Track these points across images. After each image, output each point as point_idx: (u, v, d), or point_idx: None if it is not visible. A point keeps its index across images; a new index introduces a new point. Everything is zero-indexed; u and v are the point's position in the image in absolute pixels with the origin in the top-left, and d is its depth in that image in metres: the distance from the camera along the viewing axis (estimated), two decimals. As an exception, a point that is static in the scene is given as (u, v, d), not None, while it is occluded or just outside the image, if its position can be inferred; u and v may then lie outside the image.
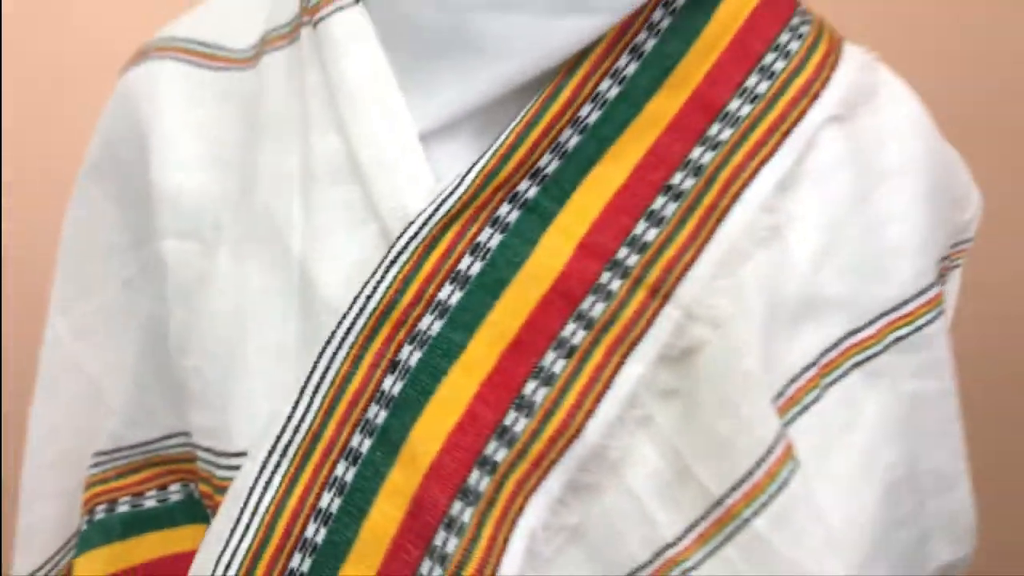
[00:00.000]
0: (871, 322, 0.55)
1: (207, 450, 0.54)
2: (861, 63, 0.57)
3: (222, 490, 0.52)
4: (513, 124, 0.51)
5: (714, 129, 0.52)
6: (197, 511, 0.61)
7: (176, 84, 0.59)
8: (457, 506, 0.47)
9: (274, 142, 0.54)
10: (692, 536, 0.48)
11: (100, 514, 0.63)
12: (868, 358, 0.55)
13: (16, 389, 1.50)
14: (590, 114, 0.52)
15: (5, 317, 1.45)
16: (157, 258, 0.57)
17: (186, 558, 0.58)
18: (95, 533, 0.63)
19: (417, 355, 0.49)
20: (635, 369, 0.48)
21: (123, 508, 0.63)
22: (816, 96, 0.54)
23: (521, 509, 0.48)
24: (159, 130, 0.58)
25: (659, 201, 0.50)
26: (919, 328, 0.56)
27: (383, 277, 0.50)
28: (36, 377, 0.76)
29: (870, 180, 0.55)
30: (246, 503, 0.50)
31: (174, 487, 0.63)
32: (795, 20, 0.56)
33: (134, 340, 0.61)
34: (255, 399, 0.52)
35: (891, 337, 0.55)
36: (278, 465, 0.50)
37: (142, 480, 0.63)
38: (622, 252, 0.49)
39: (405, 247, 0.50)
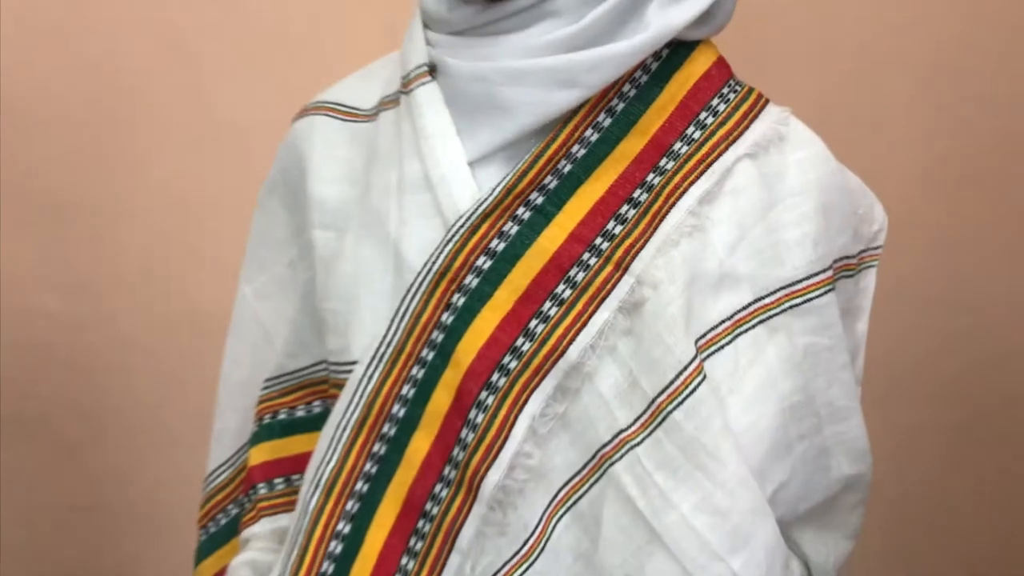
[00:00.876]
0: (771, 293, 0.81)
1: (334, 364, 0.85)
2: (776, 118, 0.83)
3: (341, 387, 0.82)
4: (527, 156, 0.79)
5: (663, 162, 0.79)
6: (321, 421, 0.90)
7: (324, 130, 0.90)
8: (484, 394, 0.75)
9: (382, 166, 0.84)
10: (637, 424, 0.75)
11: (266, 420, 0.96)
12: (770, 317, 0.80)
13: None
14: (578, 151, 0.80)
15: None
16: (309, 242, 0.89)
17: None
18: (263, 433, 0.96)
19: (463, 300, 0.77)
20: (603, 316, 0.75)
21: (282, 416, 0.96)
22: (734, 141, 0.80)
23: (525, 400, 0.75)
24: (312, 160, 0.89)
25: (624, 208, 0.78)
26: (809, 300, 0.82)
27: (442, 251, 0.78)
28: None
29: (772, 198, 0.81)
30: (355, 392, 0.80)
31: (316, 403, 0.94)
32: (724, 89, 0.83)
33: (296, 300, 0.93)
34: (365, 326, 0.82)
35: (787, 304, 0.81)
36: (376, 368, 0.80)
37: (295, 399, 0.95)
38: (597, 240, 0.77)
39: (457, 232, 0.78)
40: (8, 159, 1.69)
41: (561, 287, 0.77)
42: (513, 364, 0.76)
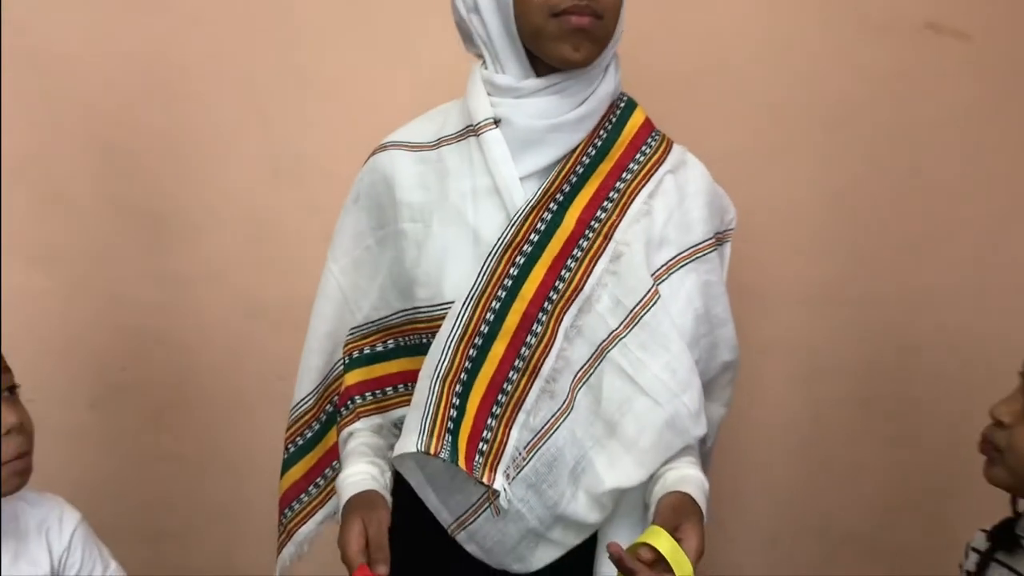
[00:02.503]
0: (687, 249, 1.25)
1: (426, 307, 1.23)
2: (679, 152, 1.29)
3: (438, 319, 1.20)
4: (551, 175, 1.23)
5: (624, 175, 1.25)
6: (401, 352, 1.29)
7: (400, 159, 1.29)
8: (540, 315, 1.17)
9: (454, 180, 1.25)
10: (622, 326, 1.19)
11: (355, 355, 1.33)
12: (687, 263, 1.25)
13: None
14: (579, 171, 1.24)
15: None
16: (398, 232, 1.26)
17: (398, 376, 1.29)
18: (353, 363, 1.33)
19: (522, 260, 1.19)
20: (601, 266, 1.20)
21: (366, 351, 1.32)
22: (659, 164, 1.26)
23: (561, 317, 1.18)
24: (396, 178, 1.28)
25: (605, 203, 1.23)
26: (706, 254, 1.27)
27: (508, 231, 1.20)
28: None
29: (683, 196, 1.27)
30: (456, 318, 1.19)
31: (390, 341, 1.31)
32: (651, 137, 1.29)
33: (374, 272, 1.31)
34: (453, 280, 1.21)
35: (695, 257, 1.26)
36: (469, 303, 1.19)
37: (375, 339, 1.33)
38: (593, 222, 1.21)
39: (516, 220, 1.20)
40: (118, 177, 1.95)
41: (576, 251, 1.21)
42: (554, 296, 1.20)
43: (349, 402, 1.32)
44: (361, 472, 1.23)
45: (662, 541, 1.04)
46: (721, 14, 1.95)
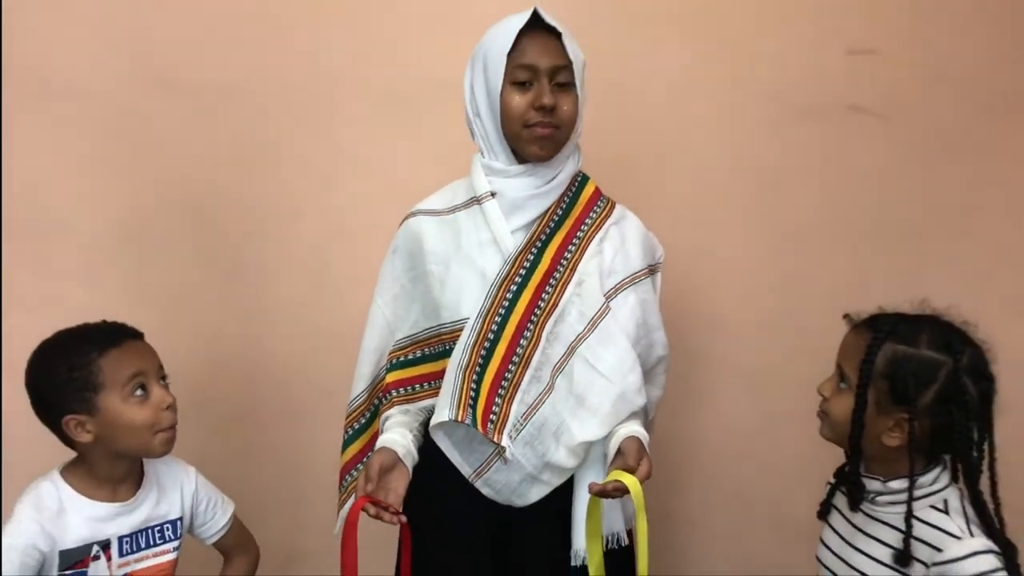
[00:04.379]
0: (628, 276, 1.64)
1: (448, 323, 1.61)
2: (620, 210, 1.69)
3: (457, 332, 1.60)
4: (532, 228, 1.62)
5: (583, 227, 1.64)
6: (427, 359, 1.67)
7: (426, 223, 1.67)
8: (530, 325, 1.56)
9: (466, 236, 1.62)
10: (586, 329, 1.58)
11: (395, 360, 1.71)
12: (629, 286, 1.63)
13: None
14: (551, 225, 1.64)
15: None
16: (426, 272, 1.64)
17: (424, 376, 1.69)
18: (393, 367, 1.71)
19: (514, 288, 1.58)
20: (570, 289, 1.59)
21: (402, 358, 1.71)
22: (606, 218, 1.66)
23: (543, 326, 1.57)
24: (423, 235, 1.66)
25: (570, 247, 1.63)
26: (642, 280, 1.65)
27: (504, 269, 1.59)
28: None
29: (624, 239, 1.65)
30: (471, 330, 1.57)
31: (419, 352, 1.68)
32: (600, 200, 1.68)
33: (410, 303, 1.68)
34: (467, 305, 1.59)
35: (634, 282, 1.64)
36: (479, 319, 1.57)
37: (410, 350, 1.70)
38: (563, 260, 1.61)
39: (509, 262, 1.59)
40: (203, 232, 2.20)
41: (552, 280, 1.57)
42: (538, 311, 1.55)
43: (387, 395, 1.68)
44: (388, 439, 1.58)
45: (623, 476, 1.41)
46: (669, 104, 2.22)
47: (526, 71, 1.55)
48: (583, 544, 1.52)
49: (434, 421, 1.54)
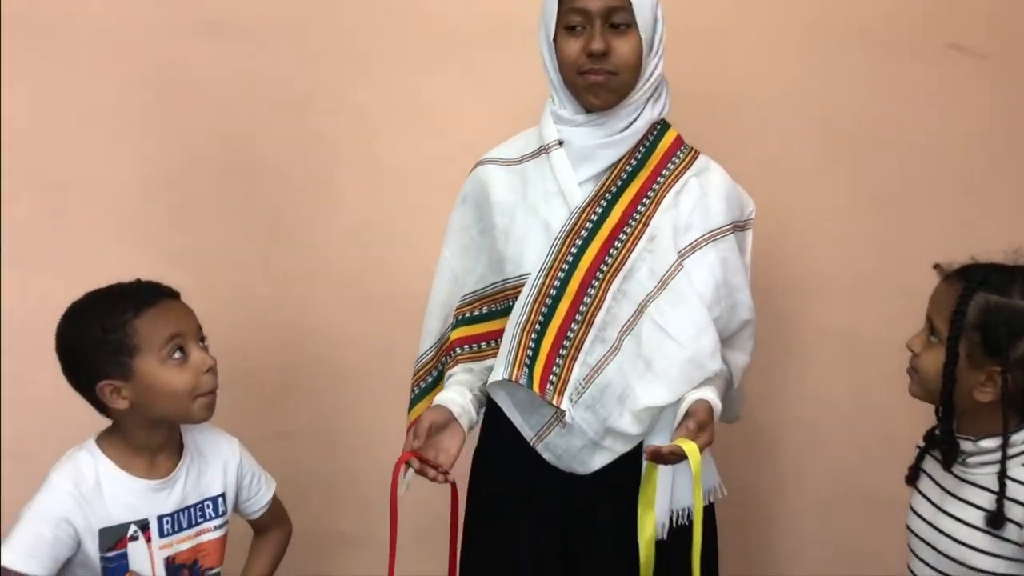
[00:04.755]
0: (707, 232, 1.59)
1: (511, 278, 1.60)
2: (704, 159, 1.64)
3: (520, 287, 1.57)
4: (601, 179, 1.59)
5: (659, 179, 1.60)
6: (492, 316, 1.64)
7: (494, 171, 1.65)
8: (594, 282, 1.54)
9: (532, 186, 1.61)
10: (655, 289, 1.55)
11: (460, 317, 1.69)
12: (708, 242, 1.58)
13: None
14: (623, 176, 1.59)
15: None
16: (492, 224, 1.63)
17: (489, 334, 1.65)
18: (458, 323, 1.69)
19: (579, 242, 1.56)
20: (641, 245, 1.56)
21: (467, 315, 1.68)
22: (686, 169, 1.61)
23: (610, 284, 1.54)
24: (490, 185, 1.64)
25: (645, 199, 1.58)
26: (724, 236, 1.60)
27: (569, 222, 1.57)
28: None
29: (705, 192, 1.60)
30: (532, 285, 1.56)
31: (485, 308, 1.65)
32: (679, 152, 1.63)
33: (478, 256, 1.66)
34: (530, 258, 1.57)
35: (713, 239, 1.59)
36: (541, 274, 1.56)
37: (475, 306, 1.67)
38: (635, 214, 1.58)
39: (575, 214, 1.57)
40: (240, 190, 2.16)
41: (621, 235, 1.55)
42: (604, 268, 1.54)
43: (452, 352, 1.68)
44: (445, 397, 1.58)
45: (683, 442, 1.41)
46: (754, 48, 2.16)
47: (578, 15, 1.52)
48: (665, 518, 1.54)
49: (490, 380, 1.55)
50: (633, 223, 1.55)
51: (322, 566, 2.29)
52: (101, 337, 1.46)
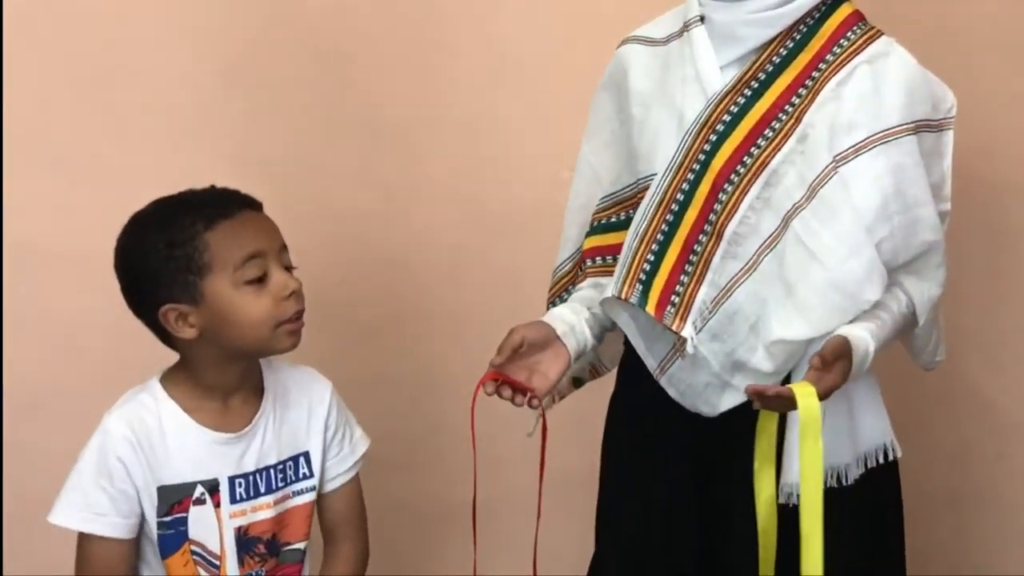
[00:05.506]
0: (877, 133, 1.35)
1: (642, 177, 1.46)
2: (884, 42, 1.39)
3: (646, 190, 1.43)
4: (748, 64, 1.39)
5: (820, 65, 1.37)
6: (629, 224, 1.46)
7: (636, 53, 1.51)
8: (727, 186, 1.37)
9: (671, 71, 1.45)
10: (803, 199, 1.35)
11: (595, 224, 1.57)
12: (876, 145, 1.35)
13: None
14: (775, 61, 1.38)
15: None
16: (630, 116, 1.49)
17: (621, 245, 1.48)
18: (592, 231, 1.56)
19: (714, 137, 1.38)
20: (790, 145, 1.36)
21: (603, 221, 1.55)
22: (856, 54, 1.37)
23: (746, 190, 1.35)
24: (630, 69, 1.49)
25: (801, 89, 1.37)
26: (899, 138, 1.37)
27: (705, 112, 1.39)
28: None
29: (879, 84, 1.37)
30: (657, 186, 1.41)
31: (621, 214, 1.52)
32: (851, 30, 1.40)
33: (618, 152, 1.53)
34: (661, 153, 1.42)
35: (885, 140, 1.36)
36: (668, 173, 1.40)
37: (611, 212, 1.55)
38: (787, 106, 1.36)
39: (711, 103, 1.39)
40: (332, 83, 2.00)
41: (767, 131, 1.38)
42: (741, 170, 1.38)
43: (583, 265, 1.58)
44: (554, 312, 1.51)
45: (798, 385, 1.29)
46: None
47: None
48: (796, 478, 1.37)
49: (601, 299, 1.48)
50: (784, 116, 1.40)
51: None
52: (166, 252, 1.35)
